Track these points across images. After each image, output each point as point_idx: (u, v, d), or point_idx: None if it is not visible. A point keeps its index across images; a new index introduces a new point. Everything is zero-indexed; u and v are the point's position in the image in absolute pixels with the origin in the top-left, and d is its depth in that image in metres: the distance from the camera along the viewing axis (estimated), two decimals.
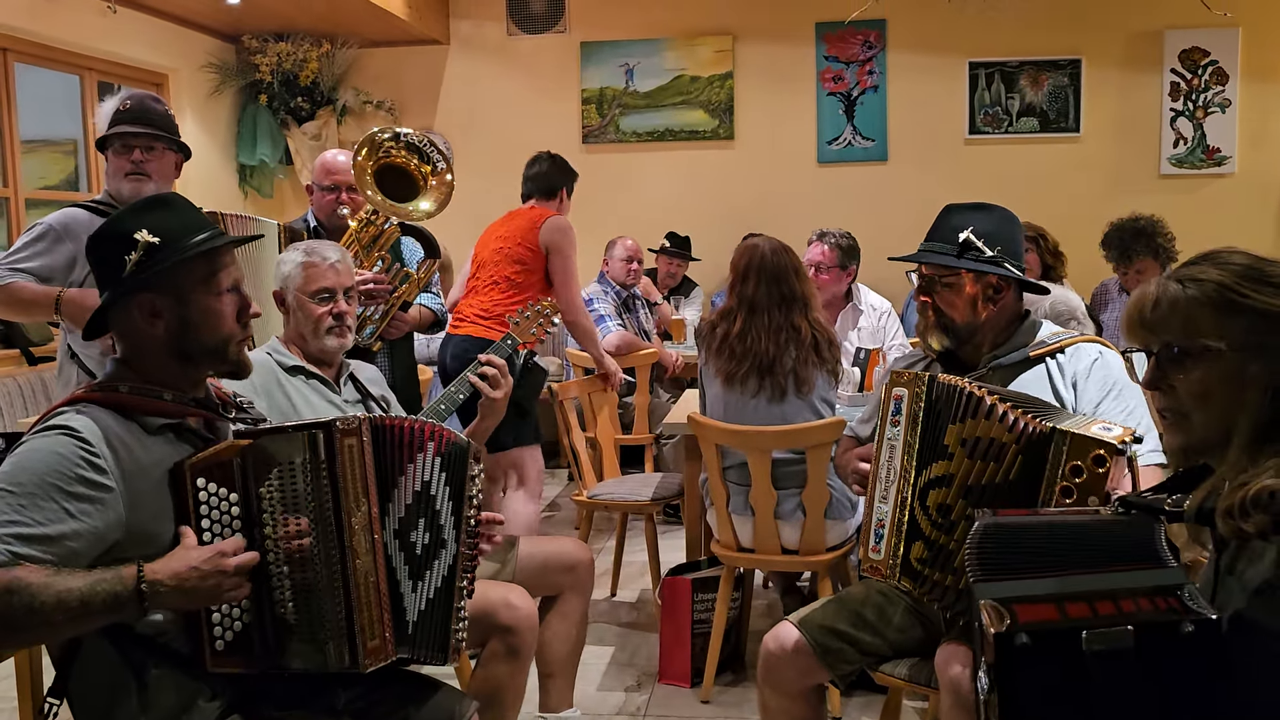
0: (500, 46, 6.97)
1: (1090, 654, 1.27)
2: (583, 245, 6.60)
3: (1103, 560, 1.42)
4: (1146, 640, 1.27)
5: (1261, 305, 1.42)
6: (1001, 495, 1.99)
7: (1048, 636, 1.29)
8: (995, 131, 6.60)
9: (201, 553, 1.69)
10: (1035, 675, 1.30)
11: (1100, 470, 1.87)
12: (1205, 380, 1.45)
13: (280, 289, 2.65)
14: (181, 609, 1.70)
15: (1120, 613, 1.30)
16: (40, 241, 3.07)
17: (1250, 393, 1.42)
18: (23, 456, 1.65)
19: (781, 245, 3.44)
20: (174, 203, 1.88)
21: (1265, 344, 1.41)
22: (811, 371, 3.31)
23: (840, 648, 2.31)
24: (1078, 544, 1.49)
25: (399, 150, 3.36)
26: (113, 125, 3.11)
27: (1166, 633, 1.28)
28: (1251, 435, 1.41)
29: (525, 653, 2.53)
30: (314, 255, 2.66)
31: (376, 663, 1.84)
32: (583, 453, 4.15)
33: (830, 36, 6.68)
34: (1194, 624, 1.27)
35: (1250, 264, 1.45)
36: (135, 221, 1.80)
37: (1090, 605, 1.31)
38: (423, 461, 1.95)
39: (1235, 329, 1.43)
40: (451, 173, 3.42)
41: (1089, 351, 2.36)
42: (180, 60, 6.31)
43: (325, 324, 2.61)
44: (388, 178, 3.35)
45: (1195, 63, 6.40)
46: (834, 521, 3.27)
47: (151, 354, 1.81)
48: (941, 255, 2.35)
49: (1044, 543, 1.51)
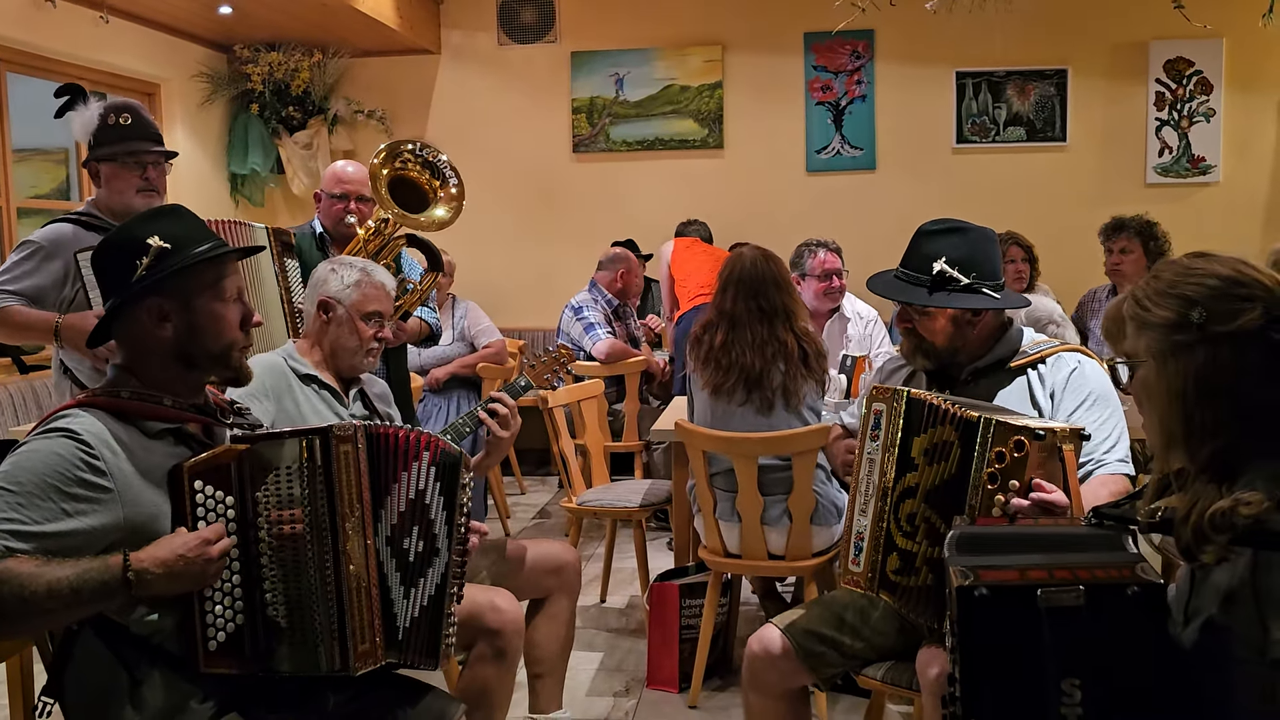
0: (491, 56, 7.01)
1: (1044, 610, 1.39)
2: (571, 253, 6.68)
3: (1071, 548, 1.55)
4: (1096, 599, 1.39)
5: (1156, 320, 1.49)
6: (948, 490, 2.03)
7: (1005, 591, 1.41)
8: (982, 141, 6.66)
9: (186, 539, 1.73)
10: (992, 625, 1.42)
11: (1019, 455, 1.92)
12: (1138, 388, 1.55)
13: (328, 298, 2.66)
14: (168, 594, 1.73)
15: (1075, 578, 1.41)
16: (28, 261, 3.05)
17: (1157, 400, 1.50)
18: (23, 456, 1.69)
19: (765, 254, 3.46)
20: (181, 213, 1.93)
21: (1158, 354, 1.49)
22: (800, 384, 3.34)
23: (823, 651, 2.34)
24: (1050, 539, 1.60)
25: (414, 164, 3.39)
26: (119, 141, 3.09)
27: (1114, 593, 1.39)
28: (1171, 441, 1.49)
29: (512, 655, 2.56)
30: (372, 277, 2.69)
31: (366, 666, 1.86)
32: (572, 459, 4.18)
33: (819, 46, 6.73)
34: (1140, 587, 1.39)
35: (1171, 277, 1.51)
36: (146, 229, 1.85)
37: (1049, 572, 1.43)
38: (417, 470, 1.98)
39: (1142, 341, 1.51)
40: (462, 186, 3.44)
41: (1068, 361, 2.39)
42: (172, 70, 6.33)
43: (369, 345, 2.66)
44: (398, 189, 3.38)
45: (1180, 73, 6.47)
46: (820, 527, 3.30)
47: (156, 358, 1.85)
48: (915, 289, 2.36)
49: (1018, 539, 1.62)
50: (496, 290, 6.72)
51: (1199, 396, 1.45)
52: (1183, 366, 1.46)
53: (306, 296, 2.75)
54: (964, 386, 2.41)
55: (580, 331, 5.45)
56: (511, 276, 6.94)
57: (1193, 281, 1.48)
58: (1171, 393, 1.47)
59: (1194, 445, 1.46)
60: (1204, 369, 1.45)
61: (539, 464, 6.77)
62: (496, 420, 2.73)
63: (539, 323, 6.82)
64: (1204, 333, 1.45)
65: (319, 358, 2.67)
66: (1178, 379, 1.46)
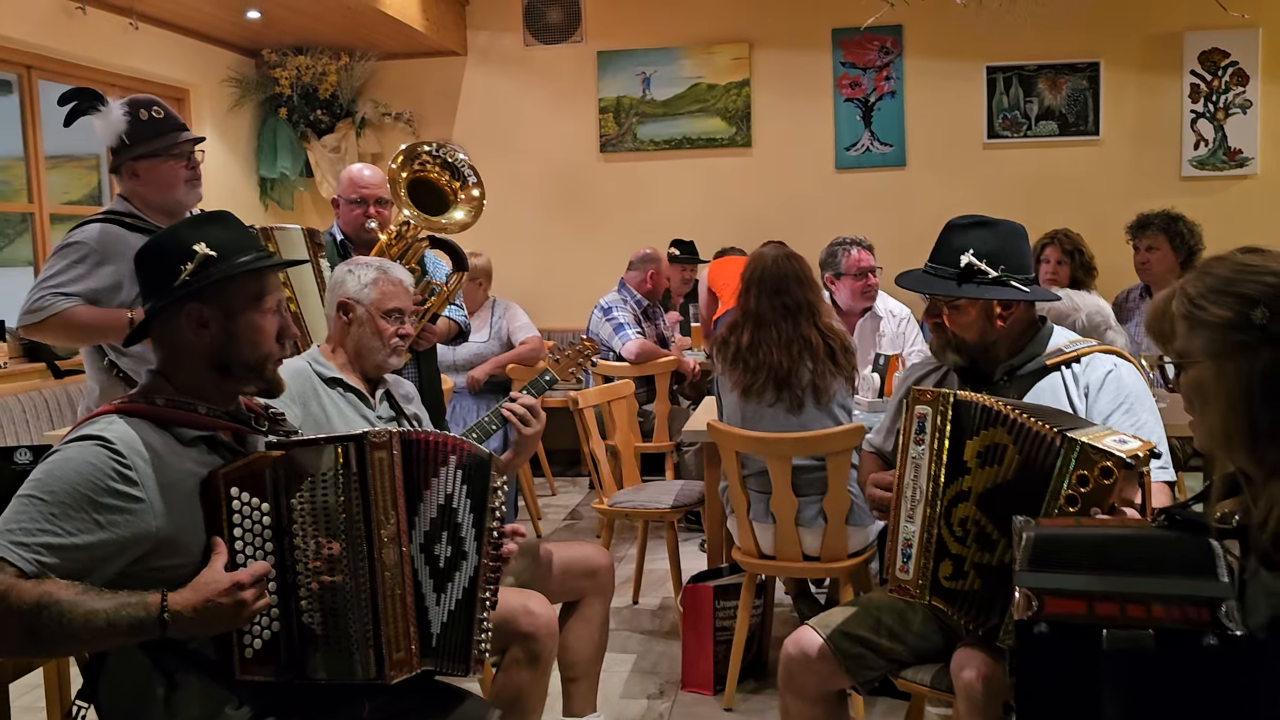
0: (517, 57, 7.01)
1: (1108, 652, 1.29)
2: (600, 253, 6.66)
3: (1153, 564, 1.42)
4: (1166, 646, 1.27)
5: (1213, 319, 1.44)
6: (1007, 496, 1.99)
7: (1068, 629, 1.31)
8: (1014, 135, 6.59)
9: (220, 583, 1.71)
10: (1051, 663, 1.32)
11: (1106, 482, 1.86)
12: (1188, 387, 1.50)
13: (347, 299, 2.65)
14: (201, 634, 1.74)
15: (1149, 616, 1.30)
16: (81, 264, 2.94)
17: (1213, 402, 1.45)
18: (55, 465, 1.69)
19: (787, 252, 3.43)
20: (229, 220, 1.93)
21: (1216, 356, 1.44)
22: (830, 381, 3.31)
23: (861, 653, 2.31)
24: (1132, 550, 1.49)
25: (433, 165, 3.38)
26: (157, 136, 3.00)
27: (1188, 642, 1.27)
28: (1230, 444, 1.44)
29: (546, 659, 2.54)
30: (390, 274, 2.69)
31: (402, 674, 1.85)
32: (603, 461, 4.16)
33: (847, 43, 6.68)
34: (1218, 638, 1.26)
35: (1226, 274, 1.46)
36: (193, 234, 1.84)
37: (1120, 606, 1.32)
38: (445, 475, 1.97)
39: (1196, 342, 1.46)
40: (482, 186, 3.43)
41: (1104, 363, 2.35)
42: (201, 75, 6.37)
43: (392, 343, 2.66)
44: (418, 191, 3.37)
45: (1215, 64, 6.37)
46: (855, 528, 3.26)
47: (191, 364, 1.85)
48: (943, 282, 2.34)
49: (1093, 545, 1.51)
50: (525, 291, 6.70)
51: (1264, 398, 1.40)
52: (1245, 368, 1.41)
53: (326, 300, 2.74)
54: (997, 385, 2.37)
55: (610, 332, 5.43)
56: (540, 277, 6.94)
57: (1251, 279, 1.43)
58: (1233, 395, 1.42)
59: (1261, 448, 1.41)
60: (1269, 370, 1.39)
61: (569, 465, 6.76)
62: (519, 418, 2.72)
63: (568, 323, 6.81)
64: (1266, 332, 1.40)
65: (343, 360, 2.66)
66: (1239, 381, 1.41)
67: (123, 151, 3.02)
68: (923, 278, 2.39)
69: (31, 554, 1.60)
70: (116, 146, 3.03)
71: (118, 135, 3.00)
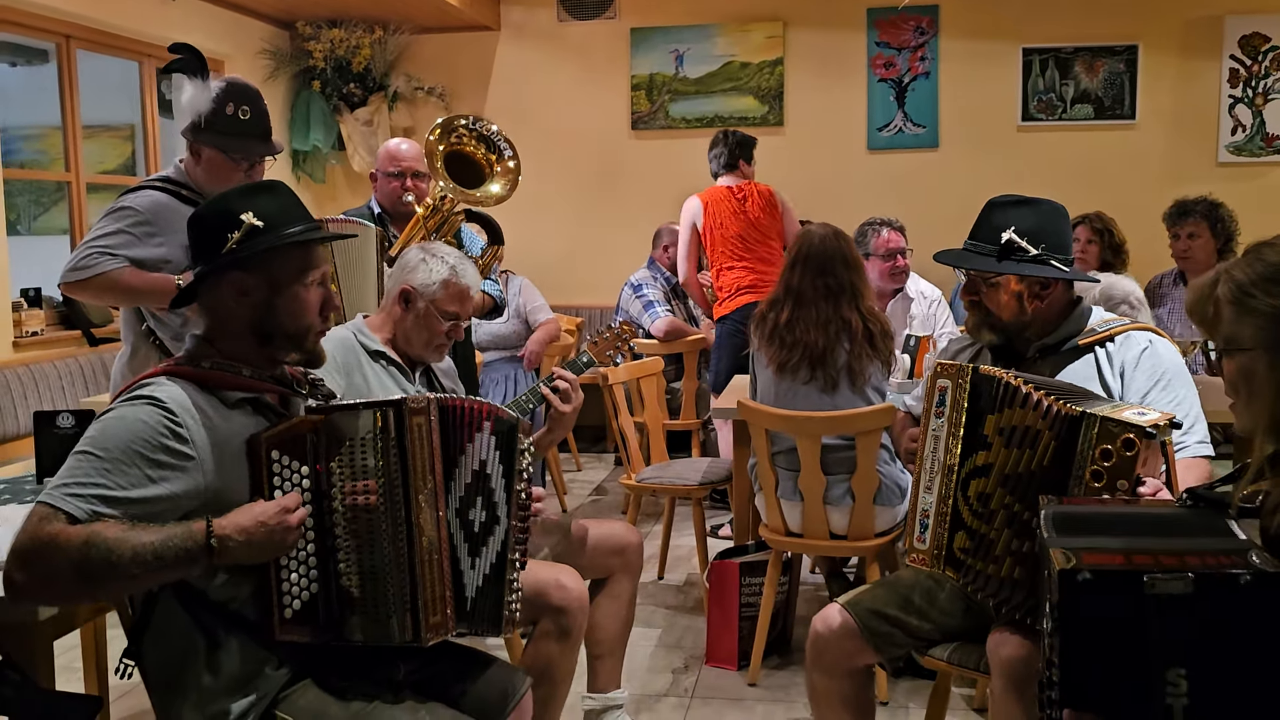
0: (551, 33, 7.00)
1: (1150, 596, 1.32)
2: (630, 230, 6.66)
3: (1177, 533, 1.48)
4: (1206, 587, 1.31)
5: (1266, 308, 1.43)
6: (1036, 481, 2.00)
7: (1110, 575, 1.34)
8: (1049, 119, 6.53)
9: (265, 507, 1.76)
10: (1095, 611, 1.35)
11: (1129, 454, 1.87)
12: (1232, 373, 1.49)
13: (412, 289, 2.63)
14: (248, 561, 1.76)
15: (1184, 564, 1.34)
16: (132, 231, 2.95)
17: (1263, 391, 1.44)
18: (109, 423, 1.72)
19: (835, 232, 3.43)
20: (279, 190, 1.95)
21: (1269, 346, 1.43)
22: (866, 364, 3.31)
23: (889, 630, 2.32)
24: (1150, 519, 1.54)
25: (469, 138, 3.39)
26: (234, 135, 2.99)
27: (1226, 581, 1.32)
28: (1272, 430, 1.43)
29: (576, 633, 2.57)
30: (461, 279, 2.66)
31: (437, 637, 1.88)
32: (631, 437, 4.18)
33: (882, 22, 6.63)
34: (1253, 575, 1.31)
35: (1278, 261, 1.45)
36: (243, 203, 1.86)
37: (1155, 558, 1.36)
38: (480, 441, 1.99)
39: (1247, 329, 1.45)
40: (518, 159, 3.44)
41: (1139, 340, 2.34)
42: (235, 47, 6.40)
43: (439, 341, 2.66)
44: (454, 165, 3.38)
45: (1256, 49, 6.29)
46: (883, 507, 3.27)
47: (234, 331, 1.88)
48: (983, 259, 2.34)
49: (1117, 519, 1.56)
50: (556, 267, 6.72)
51: None
52: None
53: (393, 276, 2.71)
54: (1030, 363, 2.37)
55: (639, 309, 5.45)
56: (571, 254, 6.95)
57: None
58: (1272, 384, 1.41)
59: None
60: None
61: (594, 441, 6.78)
62: (559, 395, 2.73)
63: (598, 300, 6.82)
64: None
65: (388, 335, 2.68)
66: None
67: (195, 130, 3.01)
68: (962, 254, 2.39)
69: (85, 504, 1.63)
70: (195, 121, 3.00)
71: (197, 113, 2.98)
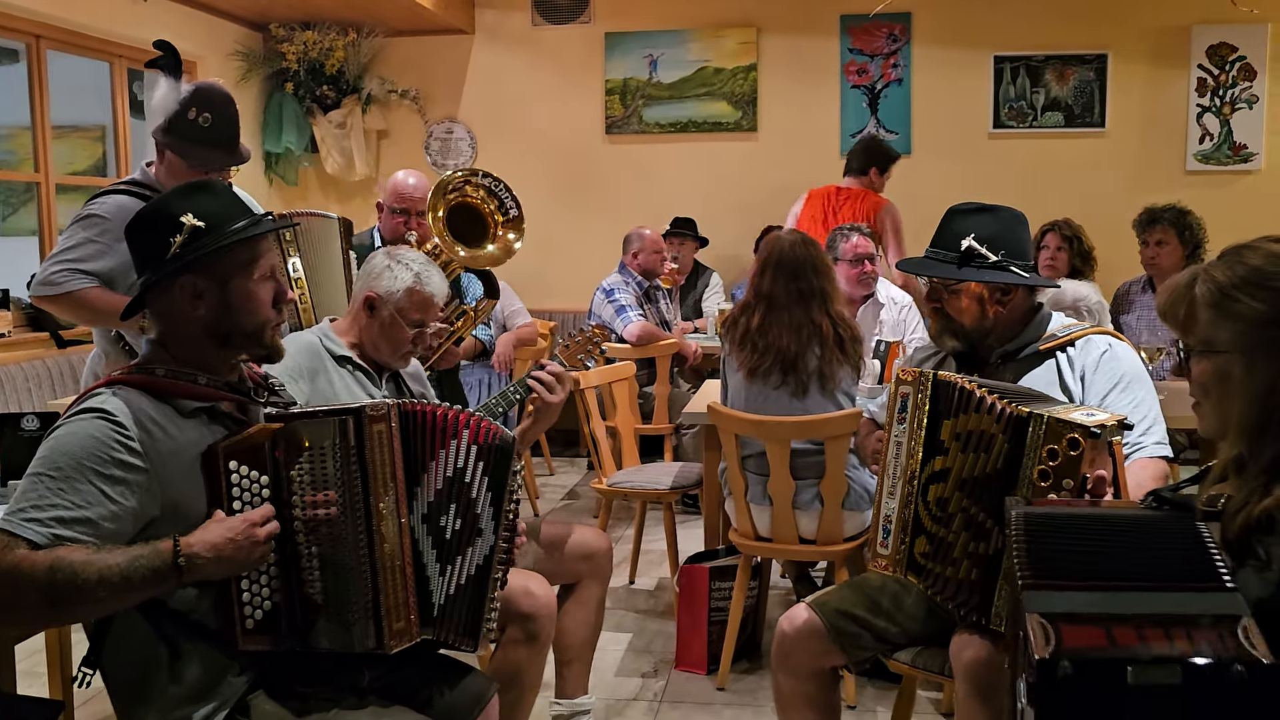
0: (525, 37, 7.00)
1: (1134, 688, 1.24)
2: (604, 235, 6.66)
3: (1157, 570, 1.38)
4: (1193, 680, 1.24)
5: (1248, 311, 1.41)
6: (991, 484, 2.01)
7: (1092, 666, 1.26)
8: (1019, 126, 6.58)
9: (233, 523, 1.75)
10: (1075, 703, 1.27)
11: (1074, 454, 1.88)
12: (1202, 377, 1.48)
13: (376, 296, 2.60)
14: (216, 577, 1.74)
15: (1170, 643, 1.27)
16: (99, 240, 2.89)
17: (1237, 395, 1.42)
18: (59, 440, 1.70)
19: (804, 238, 3.46)
20: (217, 188, 1.93)
21: (1247, 350, 1.42)
22: (836, 369, 3.33)
23: (856, 632, 2.33)
24: (1129, 544, 1.45)
25: (475, 190, 3.38)
26: (193, 141, 2.92)
27: (1215, 674, 1.24)
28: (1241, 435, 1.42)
29: (544, 639, 2.57)
30: (425, 285, 2.63)
31: (401, 644, 1.87)
32: (602, 441, 4.18)
33: (855, 29, 6.67)
34: (1245, 667, 1.23)
35: (1261, 264, 1.43)
36: (180, 205, 1.84)
37: (1139, 633, 1.28)
38: (456, 449, 1.98)
39: (1224, 332, 1.44)
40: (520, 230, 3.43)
41: (1098, 344, 2.37)
42: (208, 48, 6.36)
43: (405, 349, 2.64)
44: (458, 215, 3.35)
45: (1223, 59, 6.36)
46: (851, 512, 3.29)
47: (189, 336, 1.85)
48: (943, 266, 2.37)
49: (1093, 539, 1.47)
50: (528, 271, 6.69)
51: None
52: (1275, 364, 1.39)
53: (358, 280, 2.69)
54: (992, 370, 2.40)
55: (612, 314, 5.45)
56: (543, 258, 6.92)
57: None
58: (1258, 390, 1.40)
59: (1264, 442, 1.40)
60: None
61: (567, 445, 6.78)
62: (544, 385, 2.73)
63: (571, 304, 6.82)
64: None
65: (354, 340, 2.66)
66: (1266, 376, 1.39)
67: (160, 132, 2.96)
68: (923, 262, 2.42)
69: (44, 528, 1.61)
70: (161, 124, 2.95)
71: (163, 116, 2.93)
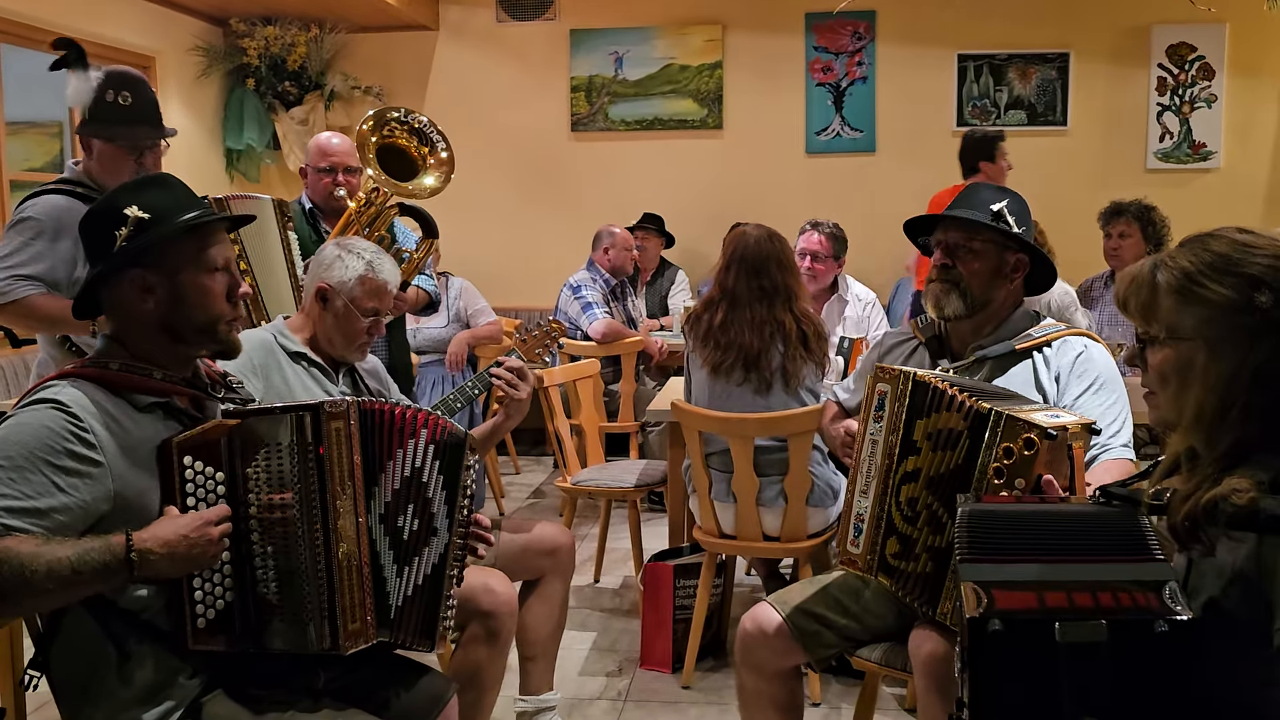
0: (489, 33, 6.96)
1: (1063, 645, 1.28)
2: (569, 232, 6.64)
3: (1090, 548, 1.43)
4: (1119, 635, 1.28)
5: (1214, 298, 1.38)
6: (953, 480, 2.01)
7: (1021, 624, 1.30)
8: (983, 123, 6.61)
9: (188, 520, 1.71)
10: (1006, 660, 1.31)
11: (1029, 453, 1.88)
12: (1162, 365, 1.45)
13: (328, 287, 2.57)
14: (168, 576, 1.71)
15: (1097, 605, 1.30)
16: (36, 242, 2.87)
17: (1198, 383, 1.39)
18: (11, 430, 1.66)
19: (769, 234, 3.44)
20: (168, 182, 1.89)
21: (1212, 337, 1.39)
22: (800, 366, 3.32)
23: (817, 630, 2.33)
24: (1066, 529, 1.50)
25: (402, 131, 3.35)
26: (117, 122, 2.92)
27: (1140, 630, 1.28)
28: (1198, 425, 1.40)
29: (504, 637, 2.55)
30: (377, 273, 2.59)
31: (357, 645, 1.85)
32: (567, 439, 4.16)
33: (820, 27, 6.68)
34: (1168, 624, 1.27)
35: (1227, 251, 1.40)
36: (128, 199, 1.81)
37: (1069, 595, 1.32)
38: (414, 448, 1.96)
39: (1189, 319, 1.41)
40: (451, 151, 3.40)
41: (1074, 345, 2.38)
42: (167, 43, 6.28)
43: (361, 340, 2.60)
44: (387, 158, 3.33)
45: (1182, 58, 6.43)
46: (815, 509, 3.29)
47: (142, 330, 1.82)
48: (978, 214, 2.37)
49: (1032, 527, 1.51)
50: (493, 268, 6.68)
51: (1250, 385, 1.35)
52: (1239, 352, 1.36)
53: (309, 274, 2.66)
54: (969, 367, 2.39)
55: (578, 311, 5.43)
56: (508, 255, 6.91)
57: (1257, 260, 1.38)
58: (1220, 378, 1.37)
59: (1220, 431, 1.37)
60: (1263, 357, 1.35)
61: (533, 444, 6.75)
62: (506, 381, 2.70)
63: (535, 302, 6.79)
64: (1268, 318, 1.35)
65: (309, 336, 2.63)
66: (1230, 364, 1.36)
67: (83, 123, 2.97)
68: (956, 216, 2.40)
69: None
70: (82, 115, 2.97)
71: (82, 104, 2.93)
